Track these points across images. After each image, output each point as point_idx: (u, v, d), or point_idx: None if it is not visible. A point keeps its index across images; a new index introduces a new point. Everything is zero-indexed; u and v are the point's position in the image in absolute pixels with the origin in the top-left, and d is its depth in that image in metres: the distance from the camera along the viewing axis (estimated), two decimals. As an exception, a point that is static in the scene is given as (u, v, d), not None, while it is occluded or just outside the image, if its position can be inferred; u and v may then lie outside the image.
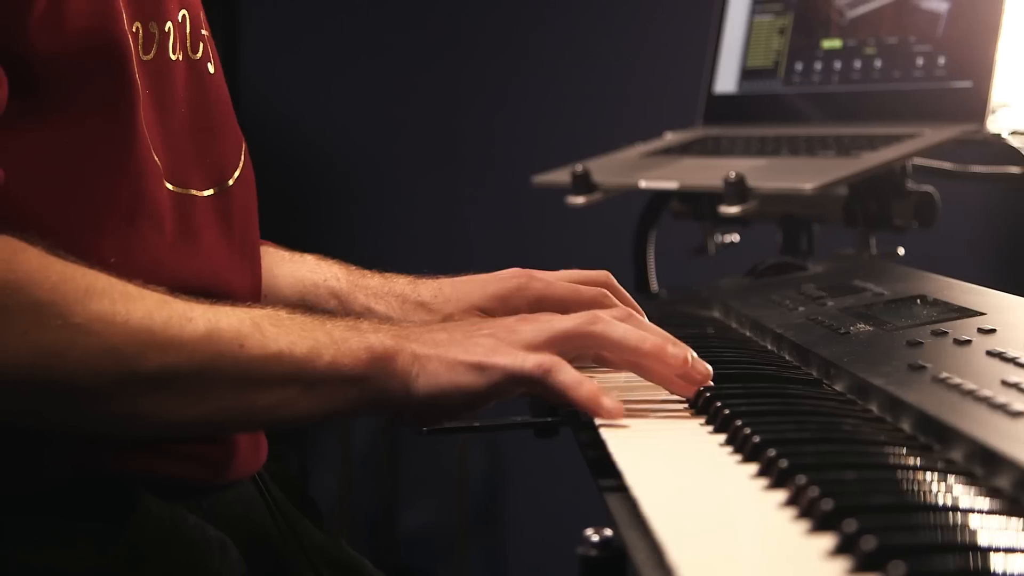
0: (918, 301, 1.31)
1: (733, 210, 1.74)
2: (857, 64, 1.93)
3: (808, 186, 1.69)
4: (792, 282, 1.59)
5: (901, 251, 1.83)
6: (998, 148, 1.78)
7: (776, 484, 0.84)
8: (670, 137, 2.10)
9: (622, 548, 0.88)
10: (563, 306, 1.22)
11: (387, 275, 1.33)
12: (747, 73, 2.06)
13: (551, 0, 3.20)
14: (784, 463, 0.84)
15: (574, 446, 1.13)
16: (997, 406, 0.89)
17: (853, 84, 1.93)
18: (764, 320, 1.39)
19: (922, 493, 0.80)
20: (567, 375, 1.03)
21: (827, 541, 0.72)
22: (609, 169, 1.94)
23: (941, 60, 1.83)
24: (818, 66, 1.97)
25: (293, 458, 3.10)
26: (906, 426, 0.97)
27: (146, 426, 1.00)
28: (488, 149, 3.24)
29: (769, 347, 1.34)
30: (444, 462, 3.31)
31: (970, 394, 0.94)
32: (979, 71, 1.79)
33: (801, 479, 0.79)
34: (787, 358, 1.28)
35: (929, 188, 1.81)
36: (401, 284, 1.32)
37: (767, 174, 1.76)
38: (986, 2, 1.79)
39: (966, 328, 1.13)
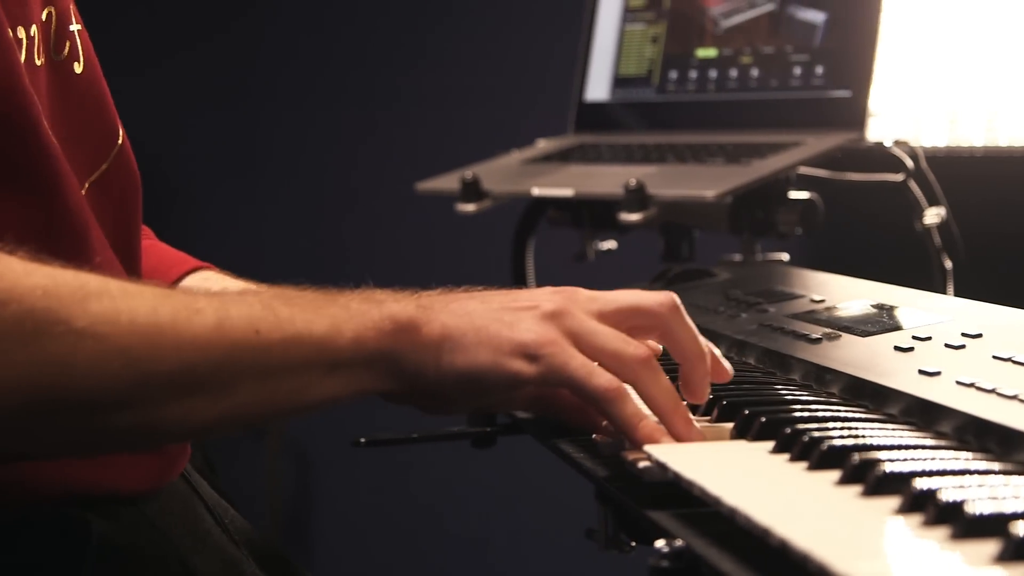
0: (872, 307, 1.33)
1: (634, 217, 1.74)
2: (733, 73, 1.96)
3: (710, 193, 1.70)
4: (712, 289, 1.60)
5: (786, 256, 1.86)
6: (880, 156, 1.83)
7: (872, 491, 0.84)
8: (543, 144, 2.09)
9: (694, 559, 0.87)
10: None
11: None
12: (619, 81, 2.07)
13: (420, 7, 3.17)
14: (881, 470, 0.84)
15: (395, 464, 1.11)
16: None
17: (730, 93, 1.96)
18: (710, 326, 1.39)
19: None
20: (632, 408, 0.99)
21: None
22: (498, 176, 1.93)
23: (819, 69, 1.87)
24: (693, 75, 1.99)
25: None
26: (946, 428, 0.99)
27: (166, 434, 0.94)
28: (354, 156, 3.23)
29: (729, 355, 1.33)
30: (257, 477, 3.24)
31: (1007, 396, 0.96)
32: (857, 80, 1.83)
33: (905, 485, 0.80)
34: (753, 363, 1.29)
35: (813, 195, 1.85)
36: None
37: (664, 182, 1.77)
38: (863, 12, 1.83)
39: (950, 333, 1.15)
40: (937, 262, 1.81)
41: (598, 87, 2.09)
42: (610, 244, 2.01)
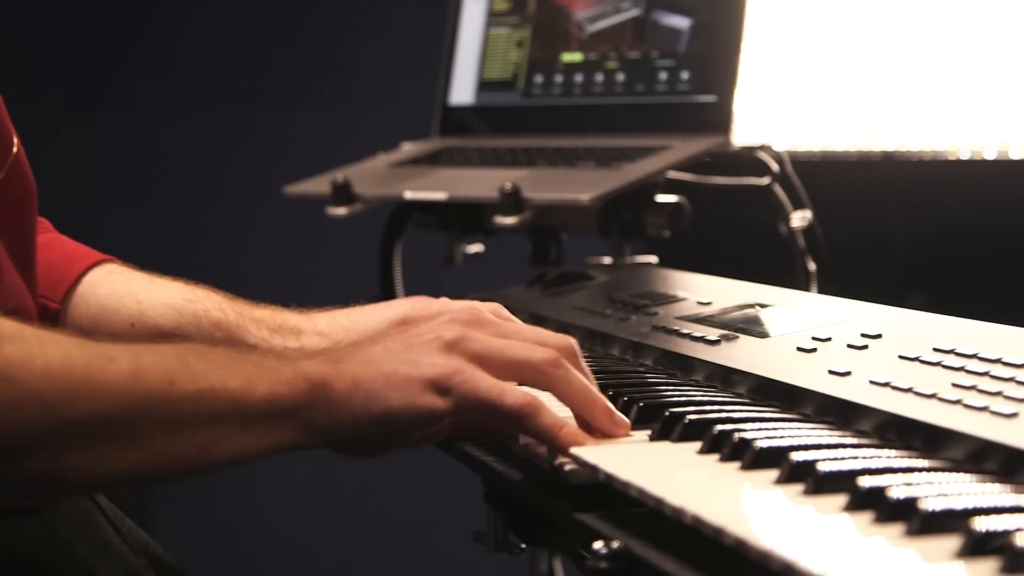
0: (760, 308, 1.35)
1: (510, 221, 1.75)
2: (599, 78, 1.97)
3: (585, 197, 1.72)
4: (593, 291, 1.60)
5: (654, 259, 1.88)
6: (747, 160, 1.86)
7: (815, 490, 0.86)
8: (409, 147, 2.09)
9: (633, 558, 0.88)
10: None
11: (271, 306, 1.25)
12: (484, 85, 2.07)
13: (283, 10, 3.13)
14: (822, 469, 0.86)
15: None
16: (952, 401, 0.96)
17: (596, 97, 1.98)
18: (601, 328, 1.40)
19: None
20: (548, 418, 1.00)
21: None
22: (368, 180, 1.91)
23: (685, 75, 1.90)
24: (559, 79, 2.01)
25: None
26: (865, 427, 1.01)
27: (71, 484, 0.93)
28: (217, 159, 3.18)
29: (625, 357, 1.35)
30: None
31: (925, 396, 0.99)
32: (722, 85, 1.87)
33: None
34: (649, 364, 1.30)
35: (681, 198, 1.87)
36: (293, 316, 1.24)
37: (538, 185, 1.78)
38: (727, 18, 1.87)
39: (848, 333, 1.17)
40: (801, 264, 1.85)
41: (462, 91, 2.09)
42: (477, 247, 2.01)
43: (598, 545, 0.90)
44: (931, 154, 1.96)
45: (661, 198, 1.87)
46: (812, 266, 1.84)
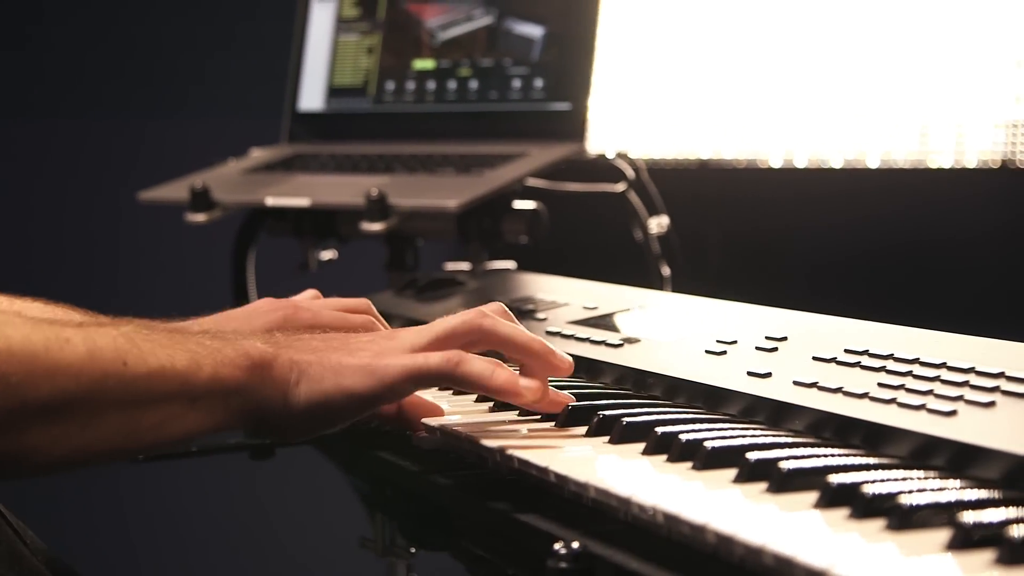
0: (650, 312, 1.37)
1: (376, 227, 1.74)
2: (452, 85, 1.98)
3: (452, 203, 1.72)
4: (469, 296, 1.60)
5: (512, 264, 1.90)
6: (604, 167, 1.89)
7: (779, 488, 0.88)
8: (259, 154, 2.06)
9: (591, 558, 0.90)
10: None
11: (138, 320, 1.18)
12: (334, 91, 2.06)
13: (125, 12, 3.05)
14: (784, 467, 0.88)
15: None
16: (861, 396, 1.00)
17: (449, 104, 1.99)
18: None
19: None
20: (478, 364, 1.03)
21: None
22: (226, 186, 1.88)
23: (539, 82, 1.92)
24: (411, 86, 2.01)
25: None
26: (797, 427, 1.04)
27: (32, 465, 0.92)
28: (60, 164, 3.06)
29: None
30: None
31: (857, 395, 1.03)
32: (576, 93, 1.89)
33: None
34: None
35: (539, 205, 1.89)
36: (161, 328, 1.17)
37: (403, 192, 1.78)
38: (580, 26, 1.89)
39: (750, 336, 1.20)
40: (655, 269, 1.89)
41: (312, 97, 2.07)
42: (331, 254, 1.99)
43: (557, 545, 0.91)
44: (784, 162, 2.01)
45: (519, 204, 1.89)
46: (666, 271, 1.88)
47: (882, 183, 1.98)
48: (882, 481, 0.85)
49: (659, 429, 1.00)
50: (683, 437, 0.98)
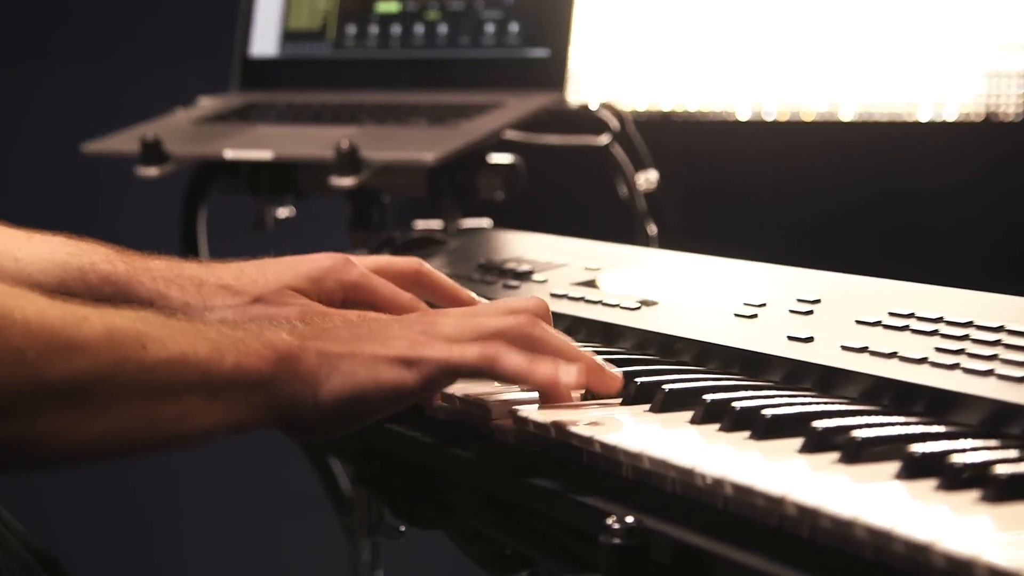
0: (660, 273, 1.36)
1: (347, 182, 1.73)
2: (419, 29, 1.96)
3: (429, 156, 1.71)
4: (456, 258, 1.58)
5: (488, 222, 1.88)
6: (586, 118, 1.88)
7: (851, 459, 0.88)
8: (208, 102, 2.03)
9: (647, 533, 0.89)
10: (376, 303, 1.22)
11: (168, 257, 1.23)
12: (289, 35, 2.03)
13: None
14: (855, 437, 0.88)
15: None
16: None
17: (416, 51, 1.97)
18: (495, 299, 1.40)
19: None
20: (515, 359, 1.02)
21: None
22: (178, 138, 1.85)
23: (514, 27, 1.91)
24: (374, 30, 1.98)
25: None
26: (851, 394, 1.05)
27: (43, 452, 0.89)
28: None
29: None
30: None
31: (914, 360, 1.03)
32: (555, 39, 1.88)
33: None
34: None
35: (516, 159, 1.88)
36: (192, 267, 1.22)
37: (374, 144, 1.76)
38: (558, -33, 1.87)
39: (781, 298, 1.20)
40: (641, 228, 1.88)
41: (265, 42, 2.04)
42: (288, 211, 1.97)
43: (610, 520, 0.91)
44: (776, 114, 2.01)
45: (495, 158, 1.87)
46: (653, 230, 1.88)
47: (885, 135, 1.98)
48: (967, 451, 0.85)
49: (708, 396, 1.00)
50: (737, 405, 0.97)
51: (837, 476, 0.86)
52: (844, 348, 1.08)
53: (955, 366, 1.00)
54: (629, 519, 0.91)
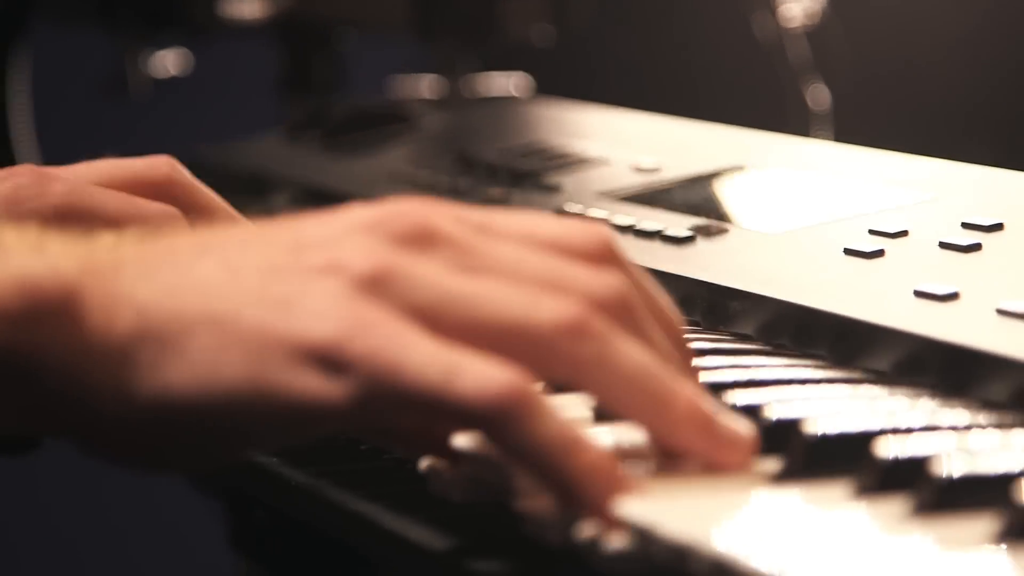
0: (751, 174, 1.08)
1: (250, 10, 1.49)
2: None
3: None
4: (422, 145, 1.33)
5: (525, 82, 1.48)
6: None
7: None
8: None
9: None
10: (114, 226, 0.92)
11: None
12: None
13: None
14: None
15: None
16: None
17: None
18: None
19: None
20: (550, 425, 0.65)
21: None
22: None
23: None
24: None
25: None
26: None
27: None
28: None
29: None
30: None
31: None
32: None
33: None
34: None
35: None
36: None
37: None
38: None
39: (932, 219, 0.93)
40: (795, 93, 1.43)
41: None
42: (175, 62, 1.59)
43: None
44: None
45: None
46: (818, 97, 1.42)
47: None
48: None
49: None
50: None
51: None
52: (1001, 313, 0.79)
53: None
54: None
